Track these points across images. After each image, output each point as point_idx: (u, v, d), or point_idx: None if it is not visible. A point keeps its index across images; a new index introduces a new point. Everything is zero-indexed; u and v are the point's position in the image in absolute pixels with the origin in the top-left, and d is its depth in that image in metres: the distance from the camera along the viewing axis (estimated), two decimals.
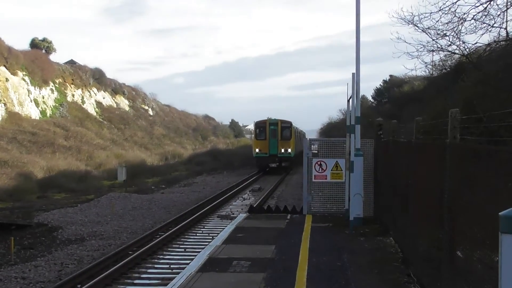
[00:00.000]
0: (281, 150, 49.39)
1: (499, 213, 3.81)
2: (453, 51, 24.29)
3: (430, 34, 22.47)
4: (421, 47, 23.40)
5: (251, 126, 71.67)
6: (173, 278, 10.68)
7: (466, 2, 22.27)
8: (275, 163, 49.94)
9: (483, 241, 5.91)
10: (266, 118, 51.59)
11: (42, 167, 38.37)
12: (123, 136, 67.71)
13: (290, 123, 51.22)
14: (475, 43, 23.02)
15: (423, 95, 39.17)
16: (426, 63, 26.79)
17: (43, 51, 70.01)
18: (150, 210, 26.58)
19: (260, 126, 50.92)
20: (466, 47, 23.11)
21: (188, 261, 13.00)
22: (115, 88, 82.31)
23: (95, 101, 72.85)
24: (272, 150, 49.33)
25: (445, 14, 21.44)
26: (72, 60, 78.28)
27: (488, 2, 20.56)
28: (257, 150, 49.63)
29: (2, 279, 14.54)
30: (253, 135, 54.64)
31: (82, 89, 69.86)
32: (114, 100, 79.73)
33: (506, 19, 20.94)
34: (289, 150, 49.60)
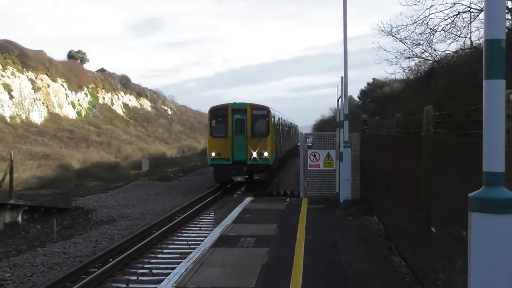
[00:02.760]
0: (251, 155, 26.78)
1: (469, 194, 3.82)
2: (426, 58, 24.35)
3: (406, 43, 22.52)
4: (399, 55, 23.47)
5: None
6: (190, 252, 10.69)
7: (436, 16, 22.30)
8: (242, 176, 27.38)
9: (453, 219, 5.90)
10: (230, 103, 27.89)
11: (78, 160, 38.42)
12: (146, 132, 67.65)
13: (266, 109, 28.11)
14: (445, 51, 23.10)
15: (401, 95, 39.06)
16: (403, 68, 26.93)
17: (78, 61, 69.91)
18: (170, 195, 26.60)
19: (218, 114, 27.86)
20: (437, 54, 23.14)
21: (203, 238, 13.00)
22: (139, 92, 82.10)
23: (122, 103, 72.73)
24: (237, 155, 26.94)
25: (419, 26, 21.51)
26: (102, 68, 78.11)
27: (455, 16, 20.58)
28: (213, 154, 26.88)
29: (47, 253, 14.60)
30: (207, 129, 29.66)
31: (111, 93, 69.78)
32: (138, 102, 79.58)
33: (471, 30, 20.98)
34: (266, 154, 26.88)
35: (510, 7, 19.04)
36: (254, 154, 26.74)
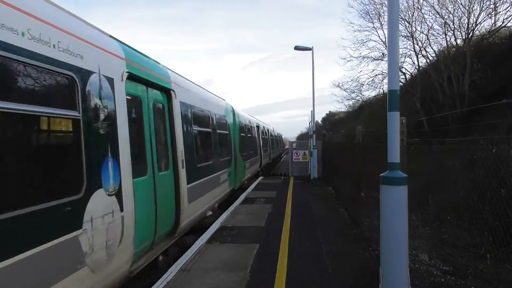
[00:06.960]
0: None
1: (380, 175, 3.84)
2: (358, 99, 24.25)
3: (347, 91, 22.56)
4: (343, 98, 23.53)
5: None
6: (228, 207, 10.72)
7: (364, 76, 22.34)
8: None
9: (373, 188, 5.88)
10: None
11: None
12: None
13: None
14: (368, 95, 23.12)
15: (345, 120, 38.92)
16: (346, 105, 26.85)
17: None
18: None
19: None
20: (364, 97, 23.17)
21: (235, 199, 13.04)
22: None
23: None
24: None
25: (354, 82, 21.75)
26: None
27: (374, 76, 20.94)
28: None
29: None
30: None
31: None
32: None
33: (383, 84, 21.13)
34: None
35: (404, 71, 19.12)
36: None
